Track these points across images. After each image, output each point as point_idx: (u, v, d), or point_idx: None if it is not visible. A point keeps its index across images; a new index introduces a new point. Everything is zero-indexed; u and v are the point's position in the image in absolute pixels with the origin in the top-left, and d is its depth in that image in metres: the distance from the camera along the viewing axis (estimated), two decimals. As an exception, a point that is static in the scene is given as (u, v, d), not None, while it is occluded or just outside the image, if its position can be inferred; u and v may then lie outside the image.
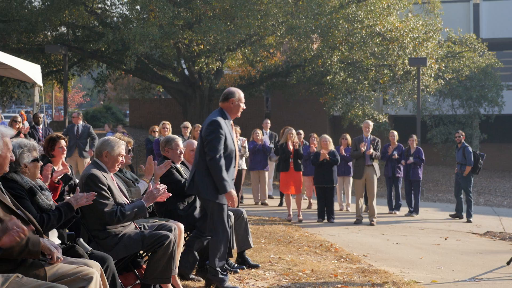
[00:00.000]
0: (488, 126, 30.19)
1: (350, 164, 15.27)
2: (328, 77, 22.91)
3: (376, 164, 14.05)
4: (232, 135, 6.98)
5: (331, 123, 30.63)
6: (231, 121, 7.08)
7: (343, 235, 12.20)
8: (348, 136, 15.93)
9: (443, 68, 24.83)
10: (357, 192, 14.16)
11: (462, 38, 27.99)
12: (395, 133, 16.28)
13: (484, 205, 21.06)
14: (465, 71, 26.93)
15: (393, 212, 16.02)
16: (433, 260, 9.78)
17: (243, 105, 7.10)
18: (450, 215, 15.93)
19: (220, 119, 6.86)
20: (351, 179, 15.50)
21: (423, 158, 15.88)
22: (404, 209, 16.12)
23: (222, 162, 6.74)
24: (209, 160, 6.72)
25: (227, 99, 7.03)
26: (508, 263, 9.37)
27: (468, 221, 15.22)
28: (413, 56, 22.51)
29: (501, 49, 33.65)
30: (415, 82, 22.99)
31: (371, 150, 13.83)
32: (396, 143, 16.07)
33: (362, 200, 14.31)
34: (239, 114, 7.14)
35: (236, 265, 8.09)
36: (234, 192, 6.81)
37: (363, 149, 13.76)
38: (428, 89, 24.33)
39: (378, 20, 22.51)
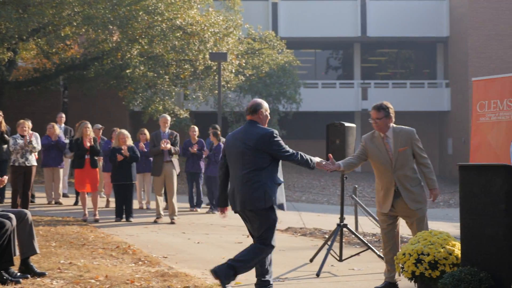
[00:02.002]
0: (287, 122, 30.82)
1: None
2: (127, 71, 22.06)
3: (175, 160, 13.54)
4: None
5: (131, 118, 29.77)
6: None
7: (142, 235, 11.54)
8: (146, 131, 15.37)
9: (244, 64, 24.87)
10: (156, 189, 13.56)
11: (262, 35, 28.27)
12: (196, 128, 15.89)
13: (284, 200, 21.26)
14: (265, 67, 27.22)
15: (194, 209, 15.61)
16: (235, 259, 9.36)
17: (268, 115, 7.19)
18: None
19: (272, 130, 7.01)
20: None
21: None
22: (206, 206, 15.76)
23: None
24: (294, 160, 6.94)
25: (256, 111, 7.04)
26: (311, 260, 9.20)
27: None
28: (213, 51, 22.27)
29: (298, 48, 34.53)
30: (216, 78, 22.77)
31: (169, 146, 13.27)
32: (197, 138, 15.70)
33: (162, 198, 13.70)
34: (266, 125, 7.16)
35: (18, 274, 7.15)
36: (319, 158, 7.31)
37: (163, 145, 13.19)
38: (229, 85, 24.25)
39: (178, 13, 22.01)
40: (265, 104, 7.14)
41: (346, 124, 8.66)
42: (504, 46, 29.99)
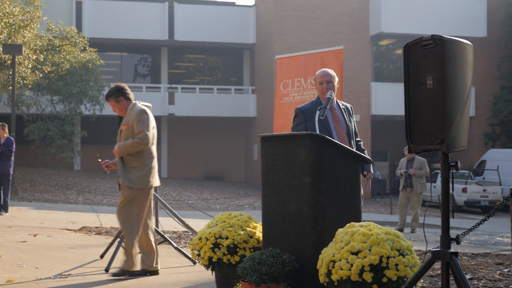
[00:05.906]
0: (90, 125, 29.47)
1: None
2: None
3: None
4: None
5: None
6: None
7: None
8: None
9: (42, 60, 23.27)
10: None
11: (63, 31, 26.75)
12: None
13: (83, 203, 20.08)
14: (65, 65, 25.72)
15: (-21, 211, 14.09)
16: (15, 258, 8.20)
17: (322, 86, 6.26)
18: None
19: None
20: None
21: (13, 148, 14.17)
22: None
23: None
24: None
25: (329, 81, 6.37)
26: (101, 257, 8.27)
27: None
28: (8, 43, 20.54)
29: (104, 51, 33.18)
30: (11, 73, 21.06)
31: None
32: (-16, 133, 14.24)
33: None
34: (324, 96, 6.23)
35: None
36: None
37: None
38: (25, 81, 22.55)
39: (-32, 1, 20.12)
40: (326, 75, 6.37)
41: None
42: (307, 54, 30.52)
